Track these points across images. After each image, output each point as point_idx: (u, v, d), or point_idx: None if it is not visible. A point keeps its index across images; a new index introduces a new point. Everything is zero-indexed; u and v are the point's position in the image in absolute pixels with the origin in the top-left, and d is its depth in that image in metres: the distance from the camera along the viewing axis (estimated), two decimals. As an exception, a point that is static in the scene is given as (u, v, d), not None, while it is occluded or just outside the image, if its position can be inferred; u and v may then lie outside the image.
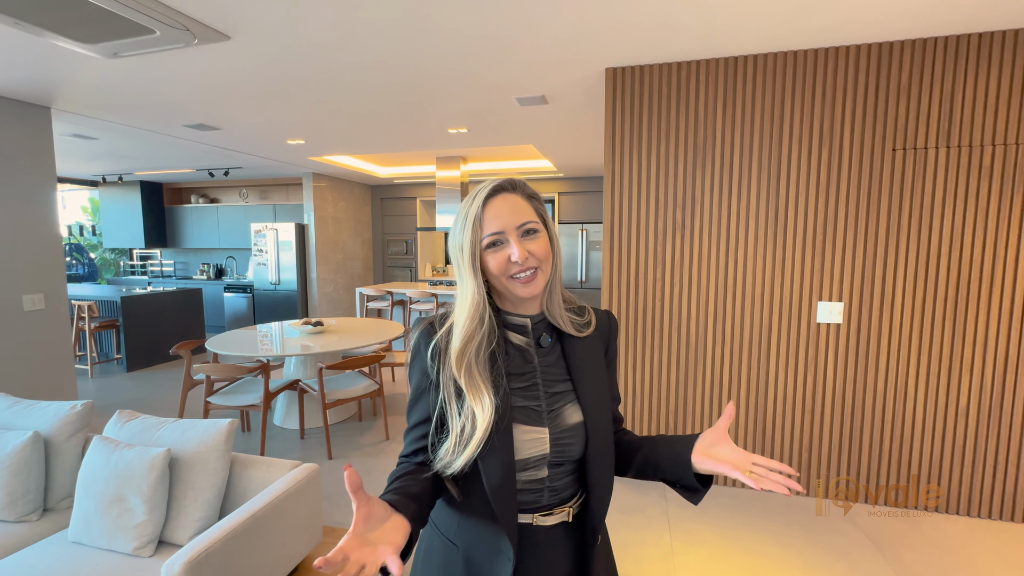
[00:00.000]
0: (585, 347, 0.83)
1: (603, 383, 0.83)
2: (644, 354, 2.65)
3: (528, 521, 0.77)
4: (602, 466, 0.80)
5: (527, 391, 0.78)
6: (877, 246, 2.32)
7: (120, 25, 1.99)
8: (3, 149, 3.03)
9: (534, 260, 0.75)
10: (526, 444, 0.75)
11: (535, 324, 0.82)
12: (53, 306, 3.33)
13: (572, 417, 0.79)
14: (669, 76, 2.46)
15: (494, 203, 0.75)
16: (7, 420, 1.87)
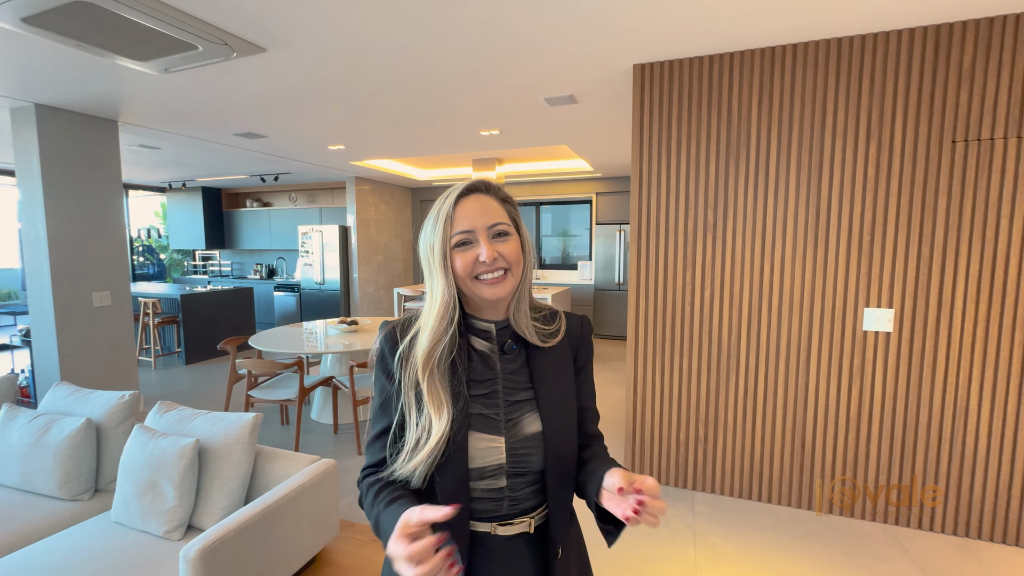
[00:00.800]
0: (551, 356, 0.80)
1: (568, 394, 0.80)
2: (673, 360, 2.55)
3: (487, 530, 0.76)
4: (562, 479, 0.77)
5: (487, 398, 0.76)
6: (934, 248, 2.11)
7: (167, 43, 2.14)
8: (76, 159, 3.33)
9: (503, 262, 0.74)
10: (481, 453, 0.74)
11: (500, 330, 0.80)
12: (119, 302, 3.63)
13: (531, 427, 0.76)
14: (700, 70, 2.36)
15: (465, 203, 0.74)
16: (66, 407, 2.05)
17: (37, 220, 3.22)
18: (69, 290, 3.32)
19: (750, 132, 2.31)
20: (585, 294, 6.83)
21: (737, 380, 2.46)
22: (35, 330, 3.37)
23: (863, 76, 2.13)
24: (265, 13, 1.93)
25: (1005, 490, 2.11)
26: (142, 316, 5.17)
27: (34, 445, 1.88)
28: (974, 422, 2.13)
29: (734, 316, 2.43)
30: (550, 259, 7.71)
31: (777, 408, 2.40)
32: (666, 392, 2.58)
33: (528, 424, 0.76)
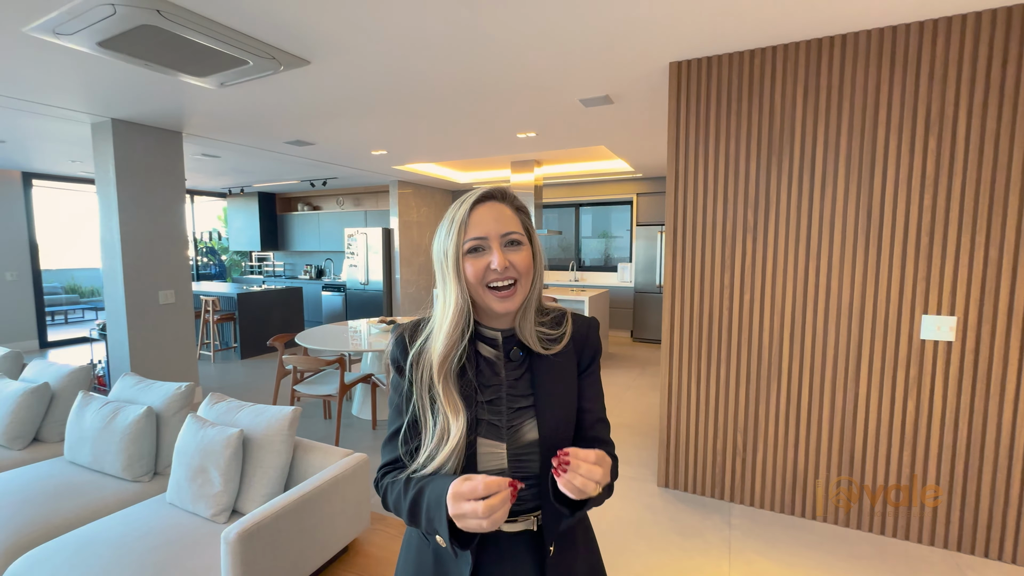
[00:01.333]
0: (554, 363, 0.80)
1: (568, 401, 0.80)
2: (710, 366, 2.46)
3: None
4: (555, 485, 0.77)
5: (492, 405, 0.78)
6: (1003, 250, 1.93)
7: (221, 59, 2.30)
8: (146, 168, 3.63)
9: (514, 272, 0.74)
10: (484, 457, 0.76)
11: (506, 337, 0.81)
12: (181, 300, 3.93)
13: (530, 434, 0.77)
14: (740, 66, 2.27)
15: (480, 209, 0.75)
16: (131, 395, 2.24)
17: (112, 224, 3.54)
18: (139, 288, 3.62)
19: (794, 128, 2.20)
20: (625, 296, 6.71)
21: (779, 389, 2.34)
22: (110, 324, 3.70)
23: (921, 65, 1.98)
24: (308, 28, 2.03)
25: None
26: (203, 313, 5.55)
27: (103, 429, 2.07)
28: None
29: (776, 321, 2.32)
30: (590, 261, 7.63)
31: (823, 420, 2.27)
32: (702, 399, 2.50)
33: (528, 431, 0.77)
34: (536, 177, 5.58)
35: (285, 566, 1.53)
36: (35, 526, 1.71)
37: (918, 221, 2.04)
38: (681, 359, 2.53)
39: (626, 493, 2.59)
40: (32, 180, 5.92)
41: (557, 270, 7.76)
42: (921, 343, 2.08)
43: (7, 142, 4.23)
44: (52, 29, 2.00)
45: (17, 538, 1.65)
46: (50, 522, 1.74)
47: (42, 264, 6.16)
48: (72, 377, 2.55)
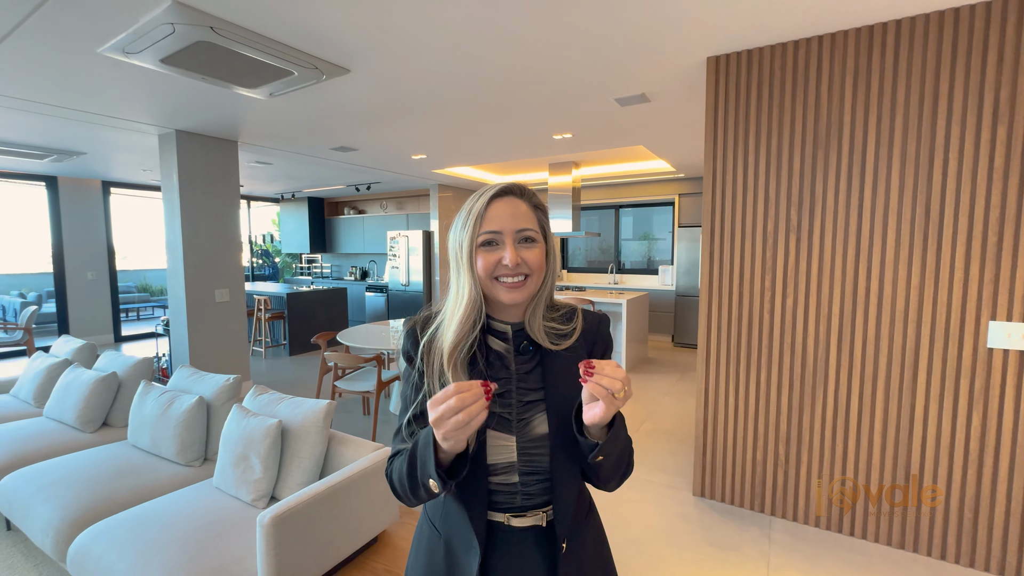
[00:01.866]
0: (565, 357, 0.79)
1: (579, 395, 0.79)
2: (749, 373, 2.36)
3: (501, 520, 0.78)
4: (566, 480, 0.77)
5: (502, 398, 0.78)
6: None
7: (269, 71, 2.44)
8: (205, 175, 3.90)
9: (525, 267, 0.75)
10: (494, 450, 0.76)
11: (516, 331, 0.81)
12: (235, 299, 4.18)
13: (539, 428, 0.77)
14: (782, 58, 2.17)
15: (498, 203, 0.75)
16: (185, 386, 2.40)
17: (176, 227, 3.82)
18: (197, 287, 3.89)
19: (842, 121, 2.08)
20: (666, 300, 6.53)
21: (825, 398, 2.21)
22: (173, 321, 3.99)
23: (989, 49, 1.82)
24: (347, 37, 2.12)
25: None
26: (255, 311, 5.88)
27: (160, 417, 2.23)
28: None
29: (822, 326, 2.19)
30: (630, 263, 7.49)
31: (875, 433, 2.12)
32: (741, 407, 2.39)
33: (537, 425, 0.77)
34: (574, 179, 5.55)
35: (316, 551, 1.59)
36: (99, 502, 1.87)
37: (984, 218, 1.87)
38: (718, 364, 2.43)
39: (659, 500, 2.52)
40: (110, 188, 6.49)
41: (596, 272, 7.67)
42: (988, 352, 1.90)
43: (88, 154, 4.66)
44: (122, 49, 2.19)
45: (84, 512, 1.81)
46: (112, 499, 1.89)
47: (117, 265, 6.73)
48: (136, 368, 2.77)
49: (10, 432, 2.47)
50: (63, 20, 1.95)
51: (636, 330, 5.34)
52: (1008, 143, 1.82)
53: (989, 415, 1.92)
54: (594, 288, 6.56)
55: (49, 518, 1.80)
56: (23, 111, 3.17)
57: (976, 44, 1.83)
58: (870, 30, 1.99)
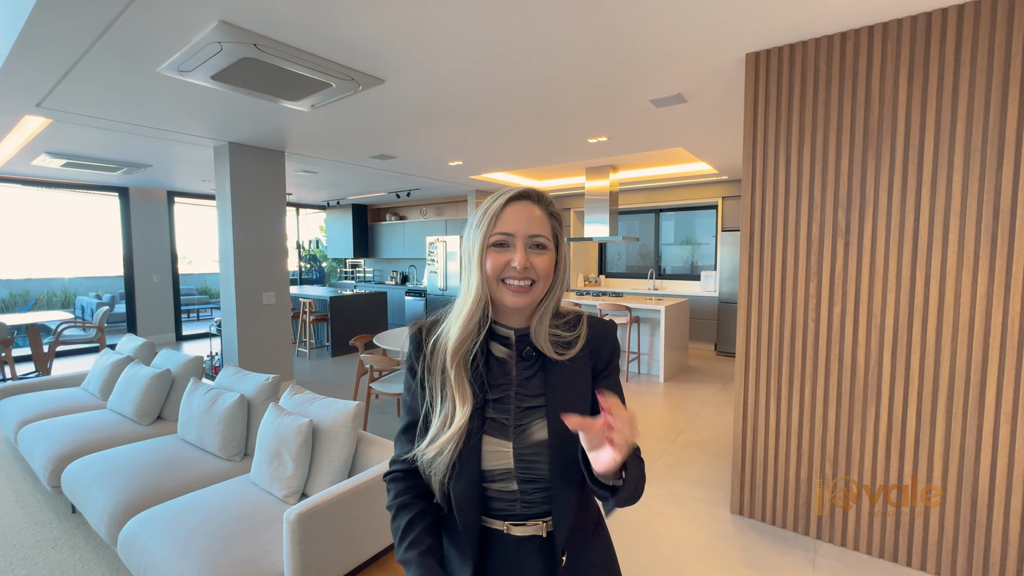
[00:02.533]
0: (568, 365, 0.78)
1: (580, 404, 0.77)
2: (792, 385, 2.22)
3: (500, 528, 0.77)
4: (565, 488, 0.74)
5: (499, 403, 0.77)
6: None
7: (309, 84, 2.55)
8: (254, 185, 4.12)
9: (533, 272, 0.74)
10: (490, 456, 0.75)
11: (519, 337, 0.80)
12: (280, 302, 4.38)
13: (538, 434, 0.75)
14: (828, 51, 2.04)
15: (514, 206, 0.75)
16: (229, 384, 2.53)
17: (227, 234, 4.05)
18: (246, 291, 4.10)
19: (896, 115, 1.93)
20: (708, 307, 6.30)
21: (878, 414, 2.04)
22: (224, 322, 4.22)
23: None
24: (380, 49, 2.18)
25: None
26: (301, 314, 6.14)
27: (206, 412, 2.36)
28: None
29: (874, 337, 2.03)
30: (671, 268, 7.28)
31: (935, 454, 1.94)
32: (783, 421, 2.26)
33: (536, 431, 0.76)
34: (612, 182, 5.47)
35: (340, 550, 1.62)
36: (149, 491, 2.00)
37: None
38: (758, 375, 2.31)
39: (695, 516, 2.41)
40: (175, 198, 6.98)
41: (635, 278, 7.50)
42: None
43: (154, 166, 5.04)
44: (177, 68, 2.35)
45: (134, 499, 1.94)
46: (160, 489, 2.02)
47: (181, 269, 7.23)
48: (188, 366, 2.95)
49: (77, 423, 2.69)
50: (125, 43, 2.12)
51: (676, 337, 5.17)
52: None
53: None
54: (632, 294, 6.41)
55: (104, 504, 1.94)
56: (98, 128, 3.47)
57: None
58: (928, 17, 1.84)
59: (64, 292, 9.11)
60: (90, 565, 2.01)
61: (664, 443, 3.31)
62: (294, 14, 1.88)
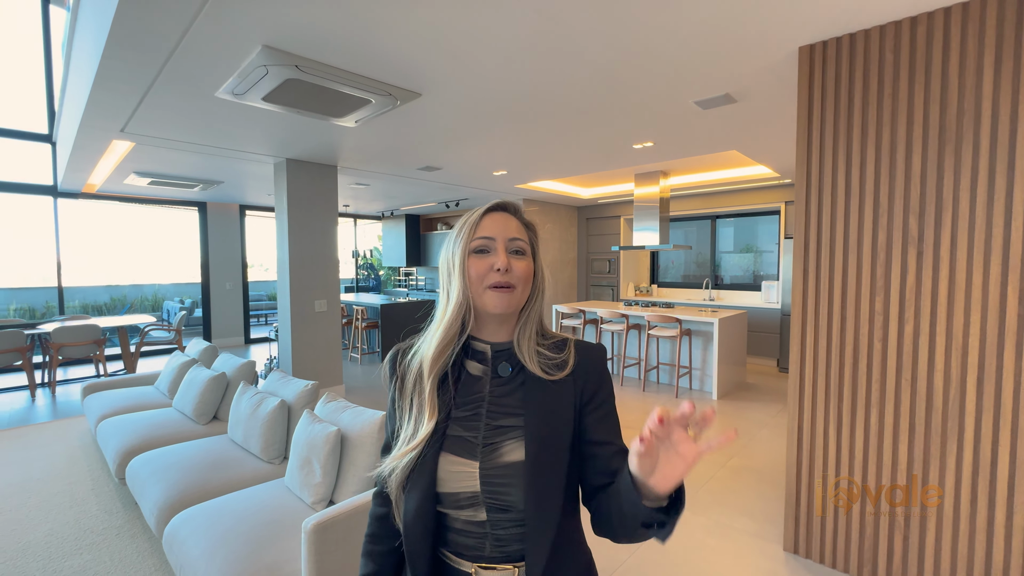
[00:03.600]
0: (550, 387, 0.73)
1: (561, 429, 0.71)
2: (855, 412, 1.98)
3: (469, 571, 0.71)
4: (541, 522, 0.67)
5: (467, 421, 0.73)
6: None
7: (350, 100, 2.64)
8: (309, 198, 4.34)
9: (513, 276, 0.73)
10: (452, 476, 0.70)
11: (496, 352, 0.76)
12: (331, 309, 4.57)
13: (510, 455, 0.69)
14: (895, 39, 1.82)
15: (493, 215, 0.77)
16: (273, 389, 2.65)
17: (284, 244, 4.29)
18: (300, 298, 4.32)
19: (979, 107, 1.68)
20: (769, 319, 5.87)
21: (960, 451, 1.77)
22: (280, 327, 4.47)
23: None
24: (414, 64, 2.22)
25: None
26: (353, 320, 6.39)
27: (251, 415, 2.48)
28: None
29: (955, 361, 1.77)
30: (730, 278, 6.88)
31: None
32: (844, 452, 2.02)
33: (508, 452, 0.70)
34: (662, 188, 5.26)
35: (356, 562, 1.62)
36: (195, 489, 2.12)
37: None
38: (815, 399, 2.08)
39: (742, 552, 2.21)
40: (245, 211, 7.54)
41: (690, 288, 7.15)
42: None
43: (225, 182, 5.47)
44: (232, 91, 2.52)
45: (180, 497, 2.06)
46: (204, 487, 2.13)
47: (251, 276, 7.78)
48: (241, 369, 3.13)
49: (145, 419, 2.92)
50: (185, 72, 2.29)
51: (731, 352, 4.85)
52: None
53: None
54: (684, 304, 6.11)
55: (156, 498, 2.08)
56: (174, 149, 3.81)
57: None
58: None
59: (154, 297, 10.11)
60: (144, 555, 2.16)
61: (712, 466, 3.09)
62: (330, 35, 1.95)
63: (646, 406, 4.37)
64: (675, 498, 0.60)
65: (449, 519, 0.72)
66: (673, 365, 5.04)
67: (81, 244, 6.26)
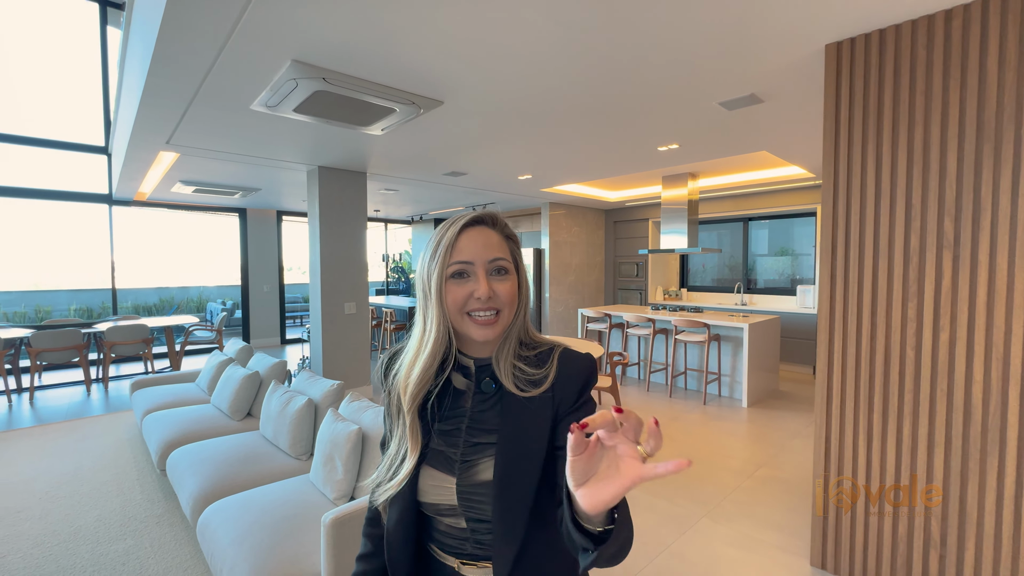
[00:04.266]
0: (527, 405, 0.71)
1: (534, 446, 0.70)
2: (887, 424, 1.90)
3: (452, 565, 0.74)
4: (506, 535, 0.68)
5: (449, 435, 0.74)
6: None
7: (376, 110, 2.73)
8: (339, 203, 4.49)
9: (497, 301, 0.70)
10: (432, 489, 0.72)
11: (479, 368, 0.76)
12: (360, 312, 4.70)
13: (484, 473, 0.70)
14: (928, 33, 1.75)
15: (470, 233, 0.72)
16: (302, 387, 2.76)
17: (316, 249, 4.45)
18: (330, 301, 4.47)
19: (1020, 103, 1.59)
20: (805, 325, 5.65)
21: (1002, 467, 1.67)
22: (312, 329, 4.63)
23: None
24: (435, 74, 2.28)
25: None
26: (383, 322, 6.55)
27: (280, 413, 2.59)
28: None
29: (995, 371, 1.67)
30: (764, 282, 6.67)
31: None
32: (875, 465, 1.93)
33: (483, 470, 0.71)
34: (691, 190, 5.16)
35: (376, 558, 1.68)
36: (227, 481, 2.23)
37: None
38: (843, 408, 2.00)
39: (767, 566, 2.15)
40: (282, 216, 7.86)
41: (721, 292, 6.97)
42: None
43: (263, 189, 5.72)
44: (265, 104, 2.65)
45: (214, 488, 2.17)
46: (235, 480, 2.24)
47: (288, 279, 8.09)
48: (273, 369, 3.27)
49: (185, 414, 3.09)
50: (222, 88, 2.43)
51: (762, 358, 4.70)
52: None
53: None
54: (713, 309, 5.96)
55: (191, 489, 2.20)
56: (215, 159, 4.02)
57: None
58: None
59: (199, 298, 10.65)
60: (181, 543, 2.29)
61: (739, 476, 3.00)
62: (354, 48, 2.03)
63: (673, 412, 4.29)
64: (614, 526, 0.52)
65: (434, 521, 0.75)
66: (701, 371, 4.92)
67: (133, 248, 6.69)
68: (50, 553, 2.21)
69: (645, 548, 2.26)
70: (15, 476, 3.02)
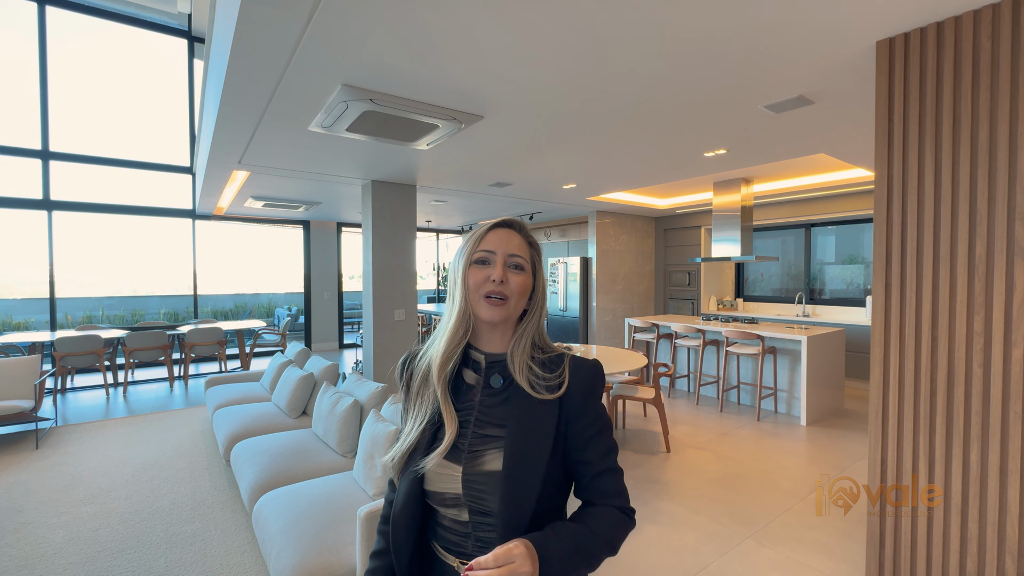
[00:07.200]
0: (537, 404, 0.77)
1: (540, 443, 0.74)
2: (951, 447, 1.74)
3: (452, 563, 0.77)
4: (510, 529, 0.71)
5: (458, 426, 0.79)
6: None
7: (420, 127, 2.88)
8: (391, 215, 4.72)
9: (508, 289, 0.78)
10: (438, 476, 0.77)
11: (490, 363, 0.81)
12: (409, 318, 4.89)
13: (491, 464, 0.75)
14: (993, 24, 1.61)
15: (497, 231, 0.81)
16: (350, 389, 2.92)
17: (368, 258, 4.70)
18: (382, 308, 4.69)
19: (1104, 96, 1.43)
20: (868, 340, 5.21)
21: (1090, 501, 1.48)
22: (364, 334, 4.88)
23: None
24: (475, 91, 2.38)
25: None
26: (432, 329, 6.75)
27: (330, 413, 2.76)
28: None
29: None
30: (830, 292, 6.24)
31: None
32: (939, 492, 1.77)
33: (489, 460, 0.75)
34: (744, 196, 4.96)
35: (408, 554, 1.75)
36: (281, 473, 2.41)
37: None
38: (901, 431, 1.86)
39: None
40: (342, 228, 8.34)
41: (783, 303, 6.59)
42: None
43: (323, 203, 6.12)
44: (321, 125, 2.87)
45: (268, 479, 2.36)
46: (287, 473, 2.42)
47: (347, 287, 8.55)
48: (326, 371, 3.48)
49: (249, 411, 3.36)
50: (283, 112, 2.66)
51: (824, 374, 4.40)
52: None
53: None
54: (770, 320, 5.65)
55: (250, 479, 2.40)
56: (281, 176, 4.37)
57: None
58: None
59: (269, 304, 11.47)
60: (240, 528, 2.49)
61: (791, 497, 2.83)
62: (398, 71, 2.17)
63: (724, 427, 4.11)
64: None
65: (438, 515, 0.79)
66: (755, 385, 4.68)
67: (213, 258, 7.40)
68: (132, 530, 2.48)
69: (682, 566, 2.19)
70: (109, 460, 3.41)
